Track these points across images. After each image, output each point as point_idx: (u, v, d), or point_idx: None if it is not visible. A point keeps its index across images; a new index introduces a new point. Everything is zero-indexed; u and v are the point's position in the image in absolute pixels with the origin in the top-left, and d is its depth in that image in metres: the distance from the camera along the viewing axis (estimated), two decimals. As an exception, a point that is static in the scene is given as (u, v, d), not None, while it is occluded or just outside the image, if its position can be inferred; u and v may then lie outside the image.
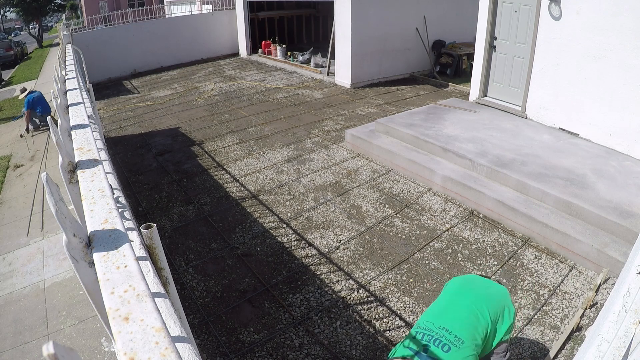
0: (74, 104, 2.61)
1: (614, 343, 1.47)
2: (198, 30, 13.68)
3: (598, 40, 4.90)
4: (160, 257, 1.20)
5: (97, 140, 2.03)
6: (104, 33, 12.47)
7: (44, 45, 30.44)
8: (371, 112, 7.77)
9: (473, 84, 6.85)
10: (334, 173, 5.48)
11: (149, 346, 0.63)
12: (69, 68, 4.48)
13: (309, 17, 15.56)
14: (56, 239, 4.66)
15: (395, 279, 3.57)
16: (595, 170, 4.42)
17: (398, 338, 2.99)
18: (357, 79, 9.57)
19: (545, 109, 5.77)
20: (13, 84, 16.01)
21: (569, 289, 3.39)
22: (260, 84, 10.31)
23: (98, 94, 6.84)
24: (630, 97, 4.70)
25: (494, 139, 5.26)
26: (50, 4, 30.65)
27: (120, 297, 0.74)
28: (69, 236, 0.90)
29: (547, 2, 5.34)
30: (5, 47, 23.04)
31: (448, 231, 4.19)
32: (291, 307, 3.31)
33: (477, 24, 6.53)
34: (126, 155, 6.57)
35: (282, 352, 2.92)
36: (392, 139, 5.81)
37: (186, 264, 3.90)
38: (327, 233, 4.23)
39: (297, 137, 6.75)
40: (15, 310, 3.63)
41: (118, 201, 1.59)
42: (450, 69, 10.13)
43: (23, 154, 7.57)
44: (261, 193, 5.07)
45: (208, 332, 3.12)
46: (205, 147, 6.58)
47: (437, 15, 10.29)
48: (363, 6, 8.96)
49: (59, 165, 1.43)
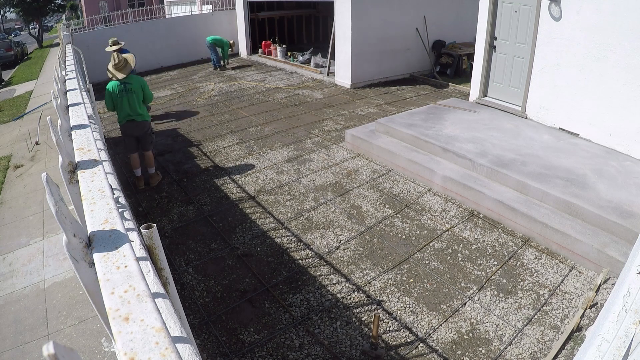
0: (74, 104, 2.61)
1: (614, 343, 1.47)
2: (198, 31, 13.68)
3: (598, 40, 4.90)
4: (160, 257, 1.21)
5: (97, 141, 2.03)
6: (104, 33, 12.45)
7: (44, 45, 30.47)
8: (371, 112, 7.77)
9: (473, 84, 6.85)
10: (334, 173, 5.48)
11: (149, 346, 0.63)
12: (69, 68, 4.48)
13: (309, 17, 15.56)
14: (56, 239, 4.66)
15: (395, 279, 3.57)
16: (596, 170, 4.42)
17: (398, 339, 2.99)
18: (357, 79, 9.57)
19: (545, 109, 5.77)
20: (13, 84, 16.02)
21: (569, 289, 3.39)
22: (260, 84, 10.31)
23: (98, 94, 6.83)
24: (630, 97, 4.71)
25: (494, 139, 5.26)
26: (50, 4, 30.68)
27: (121, 297, 0.74)
28: (69, 236, 0.90)
29: (547, 2, 5.34)
30: (5, 47, 23.08)
31: (448, 231, 4.19)
32: (291, 307, 3.31)
33: (477, 24, 6.53)
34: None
35: (282, 352, 2.92)
36: (392, 139, 5.81)
37: (186, 264, 3.90)
38: (327, 233, 4.24)
39: (297, 137, 6.75)
40: (15, 311, 3.63)
41: (118, 201, 1.59)
42: (450, 69, 10.13)
43: (23, 154, 7.57)
44: (261, 193, 5.07)
45: (208, 332, 3.12)
46: (205, 147, 6.58)
47: (437, 15, 10.29)
48: (363, 6, 8.96)
49: (59, 166, 1.43)
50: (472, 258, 3.80)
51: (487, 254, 3.84)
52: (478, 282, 3.49)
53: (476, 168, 4.73)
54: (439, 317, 3.17)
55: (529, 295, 3.34)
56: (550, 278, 3.52)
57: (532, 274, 3.58)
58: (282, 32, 14.81)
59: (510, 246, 3.94)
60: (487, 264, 3.72)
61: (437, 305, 3.28)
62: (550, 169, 4.46)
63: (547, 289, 3.39)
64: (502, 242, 4.00)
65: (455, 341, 2.96)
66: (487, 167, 4.61)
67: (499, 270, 3.62)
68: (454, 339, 2.98)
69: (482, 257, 3.81)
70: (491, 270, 3.63)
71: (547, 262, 3.72)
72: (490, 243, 3.99)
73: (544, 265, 3.67)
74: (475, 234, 4.14)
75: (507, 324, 3.08)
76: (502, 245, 3.97)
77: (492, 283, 3.48)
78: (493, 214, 4.35)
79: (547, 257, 3.78)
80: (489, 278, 3.54)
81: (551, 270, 3.61)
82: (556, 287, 3.41)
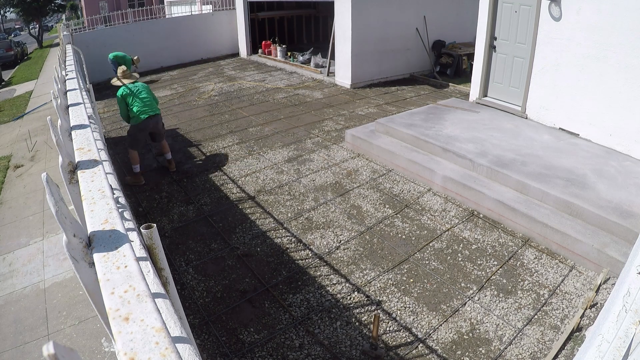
0: (74, 104, 2.61)
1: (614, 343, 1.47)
2: (198, 31, 13.68)
3: (598, 40, 4.90)
4: (160, 257, 1.21)
5: (97, 141, 2.03)
6: (104, 33, 12.47)
7: (44, 45, 30.47)
8: (371, 112, 7.77)
9: (473, 84, 6.85)
10: (334, 173, 5.48)
11: (149, 346, 0.63)
12: (69, 68, 4.48)
13: (309, 17, 15.56)
14: (56, 239, 4.66)
15: (395, 279, 3.57)
16: (596, 171, 4.42)
17: (398, 339, 2.99)
18: (357, 79, 9.57)
19: (545, 109, 5.77)
20: (13, 84, 16.01)
21: (569, 289, 3.39)
22: (260, 84, 10.31)
23: (98, 94, 6.84)
24: (630, 97, 4.70)
25: (494, 139, 5.26)
26: (50, 4, 30.68)
27: (121, 298, 0.74)
28: (69, 236, 0.90)
29: (547, 2, 5.34)
30: (5, 48, 23.06)
31: (448, 231, 4.19)
32: (291, 308, 3.31)
33: (477, 24, 6.53)
34: (126, 155, 6.57)
35: (283, 353, 2.92)
36: (392, 139, 5.81)
37: (186, 264, 3.90)
38: (327, 233, 4.23)
39: (297, 137, 6.75)
40: (15, 311, 3.63)
41: (118, 201, 1.59)
42: (451, 69, 10.14)
43: (23, 154, 7.57)
44: (261, 193, 5.07)
45: (208, 332, 3.12)
46: (205, 148, 6.58)
47: (437, 15, 10.29)
48: (363, 6, 8.96)
49: (59, 166, 1.43)
50: (472, 258, 3.80)
51: (487, 254, 3.84)
52: (478, 282, 3.49)
53: (476, 168, 4.72)
54: (439, 317, 3.17)
55: (529, 295, 3.34)
56: (550, 278, 3.52)
57: (532, 274, 3.57)
58: (282, 32, 14.81)
59: (510, 246, 3.94)
60: (487, 264, 3.72)
61: (437, 305, 3.28)
62: (550, 169, 4.46)
63: (547, 289, 3.39)
64: (502, 242, 4.00)
65: (455, 341, 2.96)
66: (487, 167, 4.61)
67: (499, 270, 3.62)
68: (454, 339, 2.98)
69: (482, 257, 3.81)
70: (491, 270, 3.63)
71: (547, 262, 3.72)
72: (490, 243, 3.99)
73: (544, 265, 3.67)
74: (475, 234, 4.14)
75: (507, 324, 3.08)
76: (502, 245, 3.97)
77: (492, 283, 3.48)
78: (493, 214, 4.35)
79: (547, 257, 3.78)
80: (489, 278, 3.54)
81: (551, 270, 3.61)
82: (556, 287, 3.41)
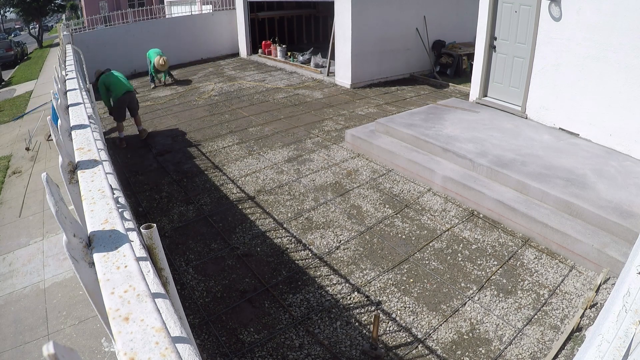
0: (74, 104, 2.61)
1: (614, 343, 1.47)
2: (198, 31, 13.67)
3: (598, 40, 4.90)
4: (160, 257, 1.21)
5: (97, 141, 2.03)
6: (104, 33, 12.47)
7: (44, 45, 30.46)
8: (371, 112, 7.77)
9: (473, 84, 6.85)
10: (334, 173, 5.48)
11: (149, 346, 0.63)
12: (69, 68, 4.48)
13: (309, 17, 15.56)
14: (56, 239, 4.66)
15: (395, 279, 3.57)
16: (596, 171, 4.42)
17: (398, 339, 2.99)
18: (357, 79, 9.57)
19: (545, 109, 5.77)
20: (13, 84, 16.02)
21: (569, 289, 3.39)
22: (260, 84, 10.31)
23: (98, 94, 6.84)
24: (630, 97, 4.70)
25: (494, 139, 5.26)
26: (50, 4, 30.68)
27: (121, 298, 0.74)
28: (69, 236, 0.90)
29: (547, 2, 5.34)
30: (5, 47, 23.06)
31: (448, 231, 4.19)
32: (291, 307, 3.31)
33: (477, 24, 6.53)
34: (126, 155, 6.57)
35: (282, 352, 2.92)
36: (392, 139, 5.81)
37: (186, 264, 3.90)
38: (327, 233, 4.23)
39: (297, 137, 6.75)
40: (15, 311, 3.63)
41: (118, 201, 1.59)
42: (450, 69, 10.13)
43: (23, 154, 7.57)
44: (261, 193, 5.07)
45: (208, 332, 3.12)
46: (205, 147, 6.58)
47: (437, 15, 10.29)
48: (363, 6, 8.96)
49: (59, 166, 1.43)
50: (472, 258, 3.80)
51: (487, 254, 3.84)
52: (478, 282, 3.49)
53: (476, 168, 4.72)
54: (439, 317, 3.17)
55: (529, 295, 3.34)
56: (550, 278, 3.52)
57: (532, 274, 3.57)
58: (282, 32, 14.81)
59: (510, 246, 3.94)
60: (487, 264, 3.72)
61: (437, 305, 3.28)
62: (550, 169, 4.46)
63: (547, 289, 3.39)
64: (502, 242, 4.00)
65: (455, 341, 2.96)
66: (487, 167, 4.61)
67: (499, 270, 3.62)
68: (454, 339, 2.98)
69: (482, 257, 3.81)
70: (491, 270, 3.63)
71: (547, 262, 3.72)
72: (490, 243, 3.99)
73: (544, 265, 3.67)
74: (475, 234, 4.14)
75: (507, 324, 3.08)
76: (502, 245, 3.97)
77: (492, 283, 3.48)
78: (493, 214, 4.35)
79: (547, 257, 3.78)
80: (489, 278, 3.54)
81: (551, 270, 3.61)
82: (556, 287, 3.41)
